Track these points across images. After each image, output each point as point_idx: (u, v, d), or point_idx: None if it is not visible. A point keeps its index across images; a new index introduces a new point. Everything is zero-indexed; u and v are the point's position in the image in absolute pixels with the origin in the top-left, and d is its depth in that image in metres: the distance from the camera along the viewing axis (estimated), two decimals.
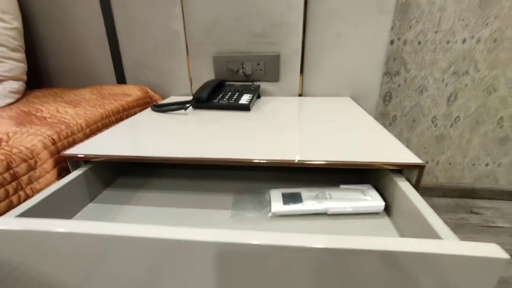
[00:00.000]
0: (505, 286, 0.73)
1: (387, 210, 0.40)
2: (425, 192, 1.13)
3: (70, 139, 0.47)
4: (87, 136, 0.51)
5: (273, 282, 0.24)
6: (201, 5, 0.73)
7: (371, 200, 0.39)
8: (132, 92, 0.76)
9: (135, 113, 0.68)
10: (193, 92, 0.84)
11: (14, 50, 0.69)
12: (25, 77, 0.73)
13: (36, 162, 0.40)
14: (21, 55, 0.72)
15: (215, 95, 0.71)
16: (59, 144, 0.44)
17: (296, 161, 0.38)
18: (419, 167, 0.38)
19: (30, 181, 0.39)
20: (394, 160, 0.38)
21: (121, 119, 0.63)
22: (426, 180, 1.12)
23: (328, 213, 0.38)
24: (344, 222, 0.38)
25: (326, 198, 0.39)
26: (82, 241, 0.25)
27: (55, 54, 0.86)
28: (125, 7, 0.76)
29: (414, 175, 0.39)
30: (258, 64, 0.79)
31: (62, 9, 0.79)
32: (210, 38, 0.77)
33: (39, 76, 0.89)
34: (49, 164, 0.41)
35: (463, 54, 0.89)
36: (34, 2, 0.80)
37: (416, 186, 0.39)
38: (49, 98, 0.68)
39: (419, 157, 1.08)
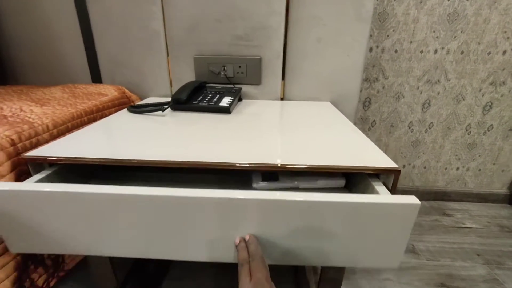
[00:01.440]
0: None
1: None
2: (403, 195, 1.16)
3: (34, 140, 0.43)
4: (54, 138, 0.47)
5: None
6: (181, 5, 0.72)
7: (334, 178, 0.45)
8: (108, 91, 0.72)
9: (110, 114, 0.64)
10: (173, 93, 0.81)
11: None
12: None
13: None
14: None
15: (195, 97, 0.69)
16: (19, 145, 0.41)
17: (278, 165, 0.38)
18: (395, 172, 0.38)
19: None
20: (372, 164, 0.39)
21: (94, 120, 0.60)
22: (403, 183, 1.16)
23: (299, 187, 0.45)
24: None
25: (298, 178, 0.45)
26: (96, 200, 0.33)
27: (23, 48, 0.80)
28: (101, 2, 0.73)
29: (391, 179, 0.39)
30: (239, 67, 0.78)
31: (30, 0, 0.74)
32: (191, 39, 0.76)
33: (4, 72, 0.83)
34: (5, 167, 0.38)
35: (435, 63, 0.94)
36: None
37: (393, 189, 0.40)
38: (14, 95, 0.63)
39: (397, 161, 1.12)
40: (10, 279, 0.37)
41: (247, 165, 0.38)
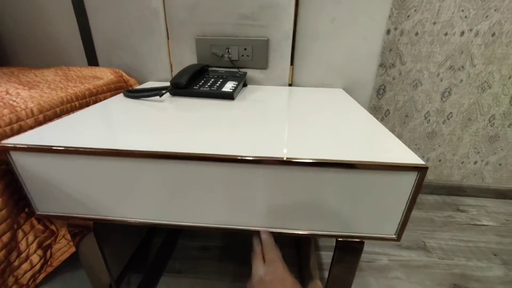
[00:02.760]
0: None
1: None
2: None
3: (15, 126, 0.39)
4: (39, 124, 0.43)
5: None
6: None
7: None
8: (103, 75, 0.67)
9: (105, 99, 0.60)
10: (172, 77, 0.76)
11: None
12: None
13: None
14: None
15: (196, 81, 0.64)
16: None
17: (284, 158, 0.33)
18: (422, 169, 0.33)
19: None
20: (394, 160, 0.33)
21: (86, 105, 0.55)
22: None
23: None
24: None
25: None
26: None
27: (14, 28, 0.75)
28: None
29: (414, 177, 0.34)
30: (245, 49, 0.72)
31: None
32: (192, 19, 0.69)
33: (2, 56, 0.79)
34: None
35: (460, 47, 0.86)
36: None
37: (417, 190, 0.35)
38: (3, 77, 0.59)
39: None
40: None
41: (251, 158, 0.33)
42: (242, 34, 0.70)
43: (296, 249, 0.81)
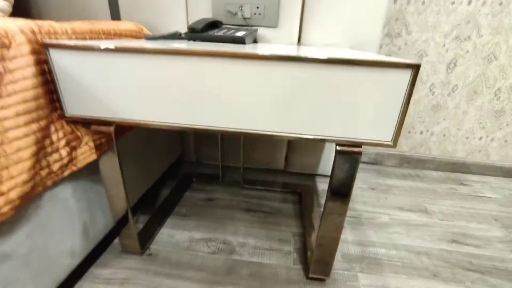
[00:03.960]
0: None
1: None
2: (417, 164, 1.12)
3: (53, 37, 0.45)
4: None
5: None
6: None
7: None
8: (126, 25, 0.73)
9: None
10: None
11: None
12: (10, 10, 0.70)
13: (10, 43, 0.38)
14: None
15: (210, 30, 0.69)
16: (39, 36, 0.42)
17: (307, 58, 0.37)
18: (415, 67, 0.37)
19: (2, 58, 0.37)
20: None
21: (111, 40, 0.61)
22: (419, 151, 1.11)
23: None
24: None
25: None
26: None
27: None
28: None
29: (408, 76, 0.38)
30: (257, 8, 0.77)
31: None
32: None
33: (27, 8, 0.86)
34: (25, 48, 0.39)
35: (467, 17, 0.88)
36: None
37: (411, 89, 0.38)
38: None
39: (414, 126, 1.07)
40: (30, 150, 0.39)
41: (267, 54, 0.38)
42: None
43: (299, 204, 0.84)
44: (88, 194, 0.54)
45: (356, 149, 0.43)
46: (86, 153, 0.49)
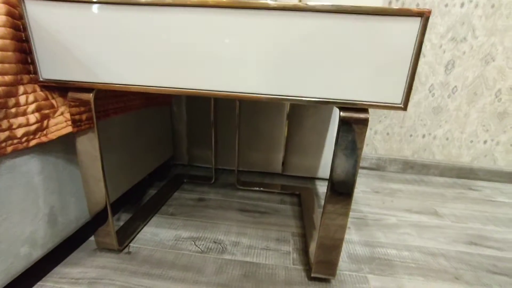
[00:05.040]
0: None
1: None
2: (421, 169, 1.07)
3: None
4: None
5: None
6: None
7: None
8: None
9: None
10: None
11: None
12: None
13: None
14: None
15: None
16: None
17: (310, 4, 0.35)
18: (424, 14, 0.33)
19: None
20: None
21: None
22: (422, 156, 1.07)
23: None
24: None
25: None
26: None
27: None
28: None
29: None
30: None
31: None
32: None
33: None
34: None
35: (462, 19, 0.89)
36: None
37: (421, 39, 0.34)
38: None
39: (415, 130, 1.04)
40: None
41: (262, 3, 0.35)
42: None
43: (299, 206, 0.77)
44: (59, 174, 0.47)
45: (362, 115, 0.39)
46: (60, 124, 0.44)
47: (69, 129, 0.45)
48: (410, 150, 1.07)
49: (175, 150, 0.98)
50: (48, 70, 0.42)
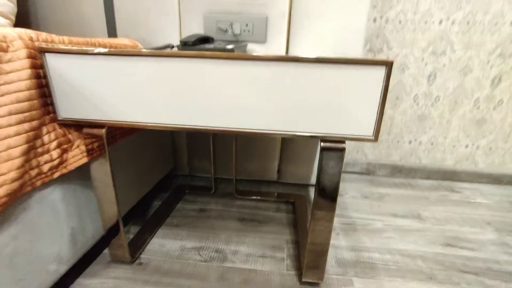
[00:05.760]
0: None
1: None
2: (409, 173, 1.14)
3: (50, 44, 0.47)
4: None
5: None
6: None
7: None
8: (121, 41, 0.78)
9: None
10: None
11: None
12: (13, 18, 0.75)
13: (8, 47, 0.40)
14: None
15: (202, 44, 0.73)
16: (36, 43, 0.45)
17: (291, 57, 0.41)
18: (388, 63, 0.40)
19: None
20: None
21: None
22: (410, 161, 1.14)
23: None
24: None
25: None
26: None
27: (51, 8, 0.88)
28: None
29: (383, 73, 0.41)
30: (246, 25, 0.82)
31: None
32: None
33: (27, 26, 0.90)
34: (22, 52, 0.42)
35: (440, 34, 0.95)
36: None
37: (387, 84, 0.41)
38: None
39: (403, 136, 1.11)
40: (20, 149, 0.40)
41: (261, 55, 0.41)
42: (244, 12, 0.81)
43: (293, 213, 0.84)
44: (78, 199, 0.54)
45: (340, 145, 0.45)
46: (77, 156, 0.50)
47: (84, 160, 0.51)
48: (398, 155, 1.14)
49: (176, 161, 1.04)
50: (65, 110, 0.48)
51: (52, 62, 0.45)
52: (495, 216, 0.87)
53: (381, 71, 0.40)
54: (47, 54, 0.44)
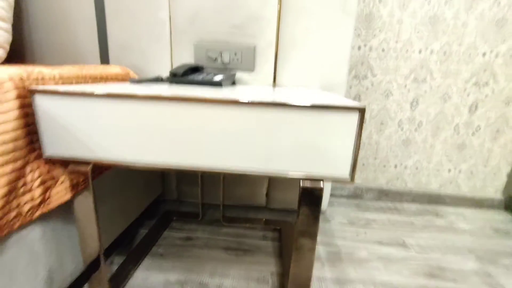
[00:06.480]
0: None
1: None
2: (395, 197, 1.16)
3: (40, 82, 0.48)
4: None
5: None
6: None
7: None
8: (113, 69, 0.78)
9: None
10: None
11: (2, 19, 0.71)
12: (7, 47, 0.75)
13: None
14: (8, 26, 0.74)
15: (191, 74, 0.74)
16: (26, 83, 0.45)
17: (270, 102, 0.42)
18: (361, 110, 0.42)
19: None
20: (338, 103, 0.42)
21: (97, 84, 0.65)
22: (396, 184, 1.16)
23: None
24: None
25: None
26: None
27: (44, 31, 0.88)
28: None
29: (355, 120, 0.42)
30: (235, 54, 0.85)
31: None
32: (192, 27, 0.83)
33: (23, 52, 0.91)
34: (11, 94, 0.42)
35: (421, 63, 1.00)
36: None
37: (360, 128, 0.42)
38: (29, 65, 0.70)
39: (388, 161, 1.13)
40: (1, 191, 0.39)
41: (247, 101, 0.42)
42: (233, 41, 0.84)
43: (279, 241, 0.83)
44: (58, 235, 0.52)
45: (318, 185, 0.46)
46: (60, 193, 0.50)
47: (68, 196, 0.51)
48: (385, 178, 1.16)
49: (165, 186, 1.03)
50: (51, 147, 0.47)
51: (41, 102, 0.45)
52: (475, 243, 0.89)
53: (354, 117, 0.42)
54: (36, 95, 0.45)
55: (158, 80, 0.71)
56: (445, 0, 0.93)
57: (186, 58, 0.86)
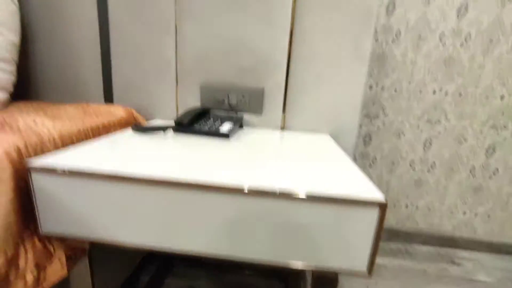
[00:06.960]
0: None
1: None
2: (406, 238, 1.10)
3: (38, 149, 0.45)
4: (58, 148, 0.50)
5: None
6: (193, 38, 0.79)
7: None
8: (116, 111, 0.76)
9: (115, 131, 0.67)
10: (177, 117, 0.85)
11: (5, 61, 0.70)
12: (11, 89, 0.74)
13: None
14: (11, 68, 0.73)
15: (197, 121, 0.72)
16: (24, 154, 0.43)
17: (277, 193, 0.38)
18: (380, 205, 0.38)
19: None
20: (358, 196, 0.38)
21: (99, 136, 0.62)
22: (406, 224, 1.11)
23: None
24: None
25: None
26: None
27: (49, 70, 0.87)
28: (122, 32, 0.81)
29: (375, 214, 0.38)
30: (243, 96, 0.82)
31: (62, 27, 0.83)
32: (199, 68, 0.81)
33: (28, 90, 0.90)
34: (7, 173, 0.40)
35: (434, 104, 0.96)
36: (36, 19, 0.84)
37: (380, 224, 0.38)
38: (31, 109, 0.68)
39: (399, 200, 1.09)
40: None
41: (246, 189, 0.38)
42: (241, 83, 0.82)
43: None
44: None
45: (332, 278, 0.42)
46: (56, 270, 0.46)
47: (64, 272, 0.47)
48: (395, 219, 1.11)
49: None
50: (48, 224, 0.44)
51: (38, 179, 0.42)
52: None
53: (373, 212, 0.38)
54: (33, 173, 0.42)
55: (162, 129, 0.68)
56: (461, 42, 0.90)
57: (192, 98, 0.84)
